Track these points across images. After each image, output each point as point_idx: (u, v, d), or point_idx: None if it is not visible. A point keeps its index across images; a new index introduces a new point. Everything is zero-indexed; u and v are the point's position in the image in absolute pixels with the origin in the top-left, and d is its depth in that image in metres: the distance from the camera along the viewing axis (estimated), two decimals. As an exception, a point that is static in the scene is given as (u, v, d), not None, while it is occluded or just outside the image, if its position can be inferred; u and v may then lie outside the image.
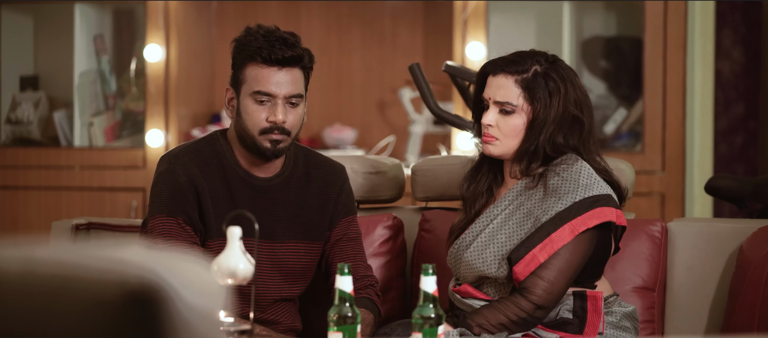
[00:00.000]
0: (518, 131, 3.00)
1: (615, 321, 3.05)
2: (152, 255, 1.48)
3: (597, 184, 2.98)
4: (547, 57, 3.04)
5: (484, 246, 3.01)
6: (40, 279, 1.47)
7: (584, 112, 3.01)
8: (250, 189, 3.13)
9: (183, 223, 3.05)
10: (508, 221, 3.01)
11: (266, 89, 3.05)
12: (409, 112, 5.66)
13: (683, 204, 5.18)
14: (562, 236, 2.93)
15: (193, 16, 5.64)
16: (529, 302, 2.92)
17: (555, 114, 2.97)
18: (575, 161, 3.00)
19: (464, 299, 3.06)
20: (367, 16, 5.81)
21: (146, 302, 1.43)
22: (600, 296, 3.00)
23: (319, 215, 3.21)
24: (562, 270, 2.93)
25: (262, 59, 3.05)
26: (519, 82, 3.00)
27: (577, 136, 3.01)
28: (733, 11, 5.57)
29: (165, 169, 3.10)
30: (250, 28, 3.13)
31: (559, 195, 2.96)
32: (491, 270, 2.99)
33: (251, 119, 3.07)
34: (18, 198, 5.51)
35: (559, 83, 2.99)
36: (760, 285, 3.15)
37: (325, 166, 3.27)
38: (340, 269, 2.57)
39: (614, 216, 2.97)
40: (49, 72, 5.77)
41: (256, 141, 3.08)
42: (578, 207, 2.94)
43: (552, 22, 5.47)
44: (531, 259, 2.93)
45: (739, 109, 5.58)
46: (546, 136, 2.98)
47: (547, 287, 2.92)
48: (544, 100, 2.97)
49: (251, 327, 2.64)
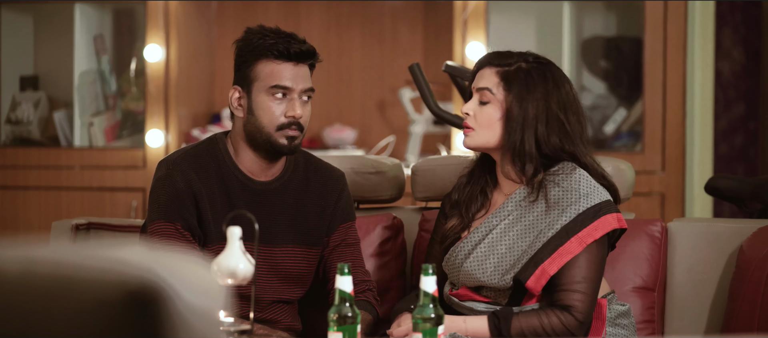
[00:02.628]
0: (493, 122, 3.00)
1: (611, 319, 3.07)
2: (152, 255, 1.48)
3: (596, 192, 2.99)
4: (538, 58, 3.05)
5: (484, 256, 3.02)
6: (40, 280, 1.47)
7: (569, 115, 3.00)
8: (248, 194, 3.13)
9: (181, 228, 3.05)
10: (509, 232, 3.01)
11: (284, 83, 3.06)
12: (409, 112, 5.66)
13: (683, 204, 5.18)
14: (570, 249, 2.94)
15: (193, 16, 5.64)
16: (576, 320, 2.93)
17: (535, 112, 2.97)
18: (572, 169, 3.00)
19: (463, 302, 3.06)
20: (367, 16, 5.81)
21: (146, 302, 1.43)
22: (604, 303, 3.03)
23: (318, 220, 3.21)
24: (592, 279, 2.96)
25: (278, 54, 3.06)
26: (500, 73, 3.02)
27: (572, 139, 3.00)
28: (733, 11, 5.57)
29: (163, 175, 3.10)
30: (252, 28, 3.13)
31: (562, 207, 2.97)
32: (492, 280, 3.00)
33: (268, 115, 3.07)
34: (18, 198, 5.51)
35: (538, 81, 2.99)
36: (760, 285, 3.15)
37: (325, 171, 3.27)
38: (340, 269, 2.57)
39: (616, 221, 2.98)
40: (49, 72, 5.77)
41: (272, 138, 3.08)
42: (583, 219, 2.95)
43: (552, 22, 5.47)
44: (541, 273, 2.94)
45: (739, 109, 5.58)
46: (530, 133, 2.97)
47: (584, 299, 2.94)
48: (520, 94, 2.98)
49: (251, 327, 2.65)
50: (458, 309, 3.07)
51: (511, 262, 2.99)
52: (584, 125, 3.05)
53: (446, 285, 3.16)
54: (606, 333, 3.04)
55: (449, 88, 5.38)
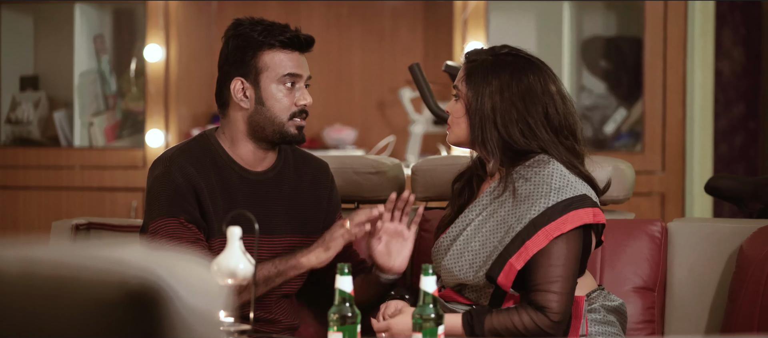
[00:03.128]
0: (460, 118, 3.02)
1: (599, 318, 3.04)
2: (152, 255, 1.48)
3: (570, 186, 2.95)
4: (512, 52, 3.03)
5: (459, 253, 3.01)
6: (40, 280, 1.47)
7: (529, 106, 2.96)
8: (246, 185, 3.13)
9: (185, 222, 3.04)
10: (482, 228, 3.01)
11: (294, 71, 3.09)
12: (409, 112, 5.66)
13: (683, 204, 5.18)
14: (536, 242, 2.91)
15: (193, 16, 5.64)
16: (550, 320, 2.91)
17: (492, 104, 2.96)
18: (546, 163, 2.97)
19: (447, 303, 3.06)
20: (367, 16, 5.81)
21: (146, 302, 1.43)
22: (581, 300, 2.99)
23: (314, 210, 3.22)
24: (566, 277, 2.93)
25: (285, 42, 3.09)
26: (466, 68, 3.03)
27: (534, 131, 2.98)
28: (733, 11, 5.57)
29: (161, 172, 3.09)
30: (242, 19, 3.16)
31: (532, 201, 2.94)
32: (468, 277, 2.99)
33: (280, 104, 3.09)
34: (18, 198, 5.51)
35: (495, 74, 2.98)
36: (760, 285, 3.15)
37: (312, 162, 3.29)
38: (340, 269, 2.57)
39: (590, 216, 2.94)
40: (49, 72, 5.77)
41: (284, 127, 3.10)
42: (551, 213, 2.92)
43: (552, 22, 5.47)
44: (509, 269, 2.92)
45: (739, 109, 5.58)
46: (490, 126, 2.96)
47: (559, 299, 2.92)
48: (476, 86, 2.98)
49: (251, 327, 2.64)
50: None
51: (483, 259, 2.98)
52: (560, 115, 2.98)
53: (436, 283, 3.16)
54: (588, 332, 3.02)
55: (449, 88, 5.37)
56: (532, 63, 3.01)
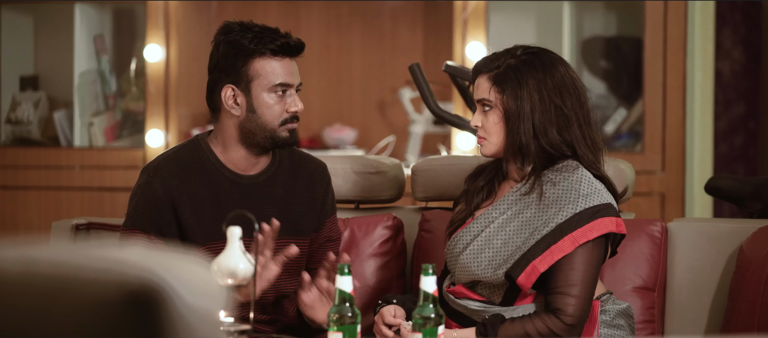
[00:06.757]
0: (498, 127, 3.01)
1: (608, 320, 3.06)
2: (152, 255, 1.48)
3: (597, 194, 2.97)
4: (527, 49, 3.03)
5: (480, 250, 3.02)
6: (40, 279, 1.47)
7: (565, 99, 2.99)
8: (237, 190, 3.13)
9: (154, 237, 3.05)
10: (505, 227, 3.01)
11: (286, 80, 3.08)
12: (409, 112, 5.66)
13: (683, 204, 5.18)
14: (562, 247, 2.93)
15: (193, 16, 5.64)
16: (563, 323, 2.92)
17: (531, 104, 2.97)
18: (575, 169, 2.99)
19: (458, 299, 3.06)
20: (367, 16, 5.81)
21: (146, 302, 1.43)
22: (597, 305, 3.01)
23: (307, 211, 3.22)
24: (587, 282, 2.94)
25: (276, 50, 3.07)
26: (491, 78, 3.02)
27: (571, 129, 3.00)
28: (733, 11, 5.57)
29: (143, 182, 3.10)
30: (231, 24, 3.15)
31: (560, 205, 2.96)
32: (486, 274, 3.00)
33: (272, 112, 3.08)
34: (18, 198, 5.51)
35: (528, 74, 2.98)
36: (760, 285, 3.15)
37: (310, 162, 3.28)
38: (340, 269, 2.58)
39: (614, 225, 2.97)
40: (49, 72, 5.77)
41: (275, 133, 3.09)
42: (579, 219, 2.94)
43: (552, 22, 5.47)
44: (532, 270, 2.93)
45: (739, 109, 5.58)
46: (528, 127, 2.97)
47: (576, 303, 2.92)
48: (513, 90, 2.98)
49: (251, 327, 2.65)
50: (453, 307, 3.07)
51: (504, 257, 2.98)
52: (585, 105, 3.02)
53: (446, 280, 3.16)
54: (599, 334, 3.03)
55: (449, 88, 5.38)
56: (553, 55, 3.05)
